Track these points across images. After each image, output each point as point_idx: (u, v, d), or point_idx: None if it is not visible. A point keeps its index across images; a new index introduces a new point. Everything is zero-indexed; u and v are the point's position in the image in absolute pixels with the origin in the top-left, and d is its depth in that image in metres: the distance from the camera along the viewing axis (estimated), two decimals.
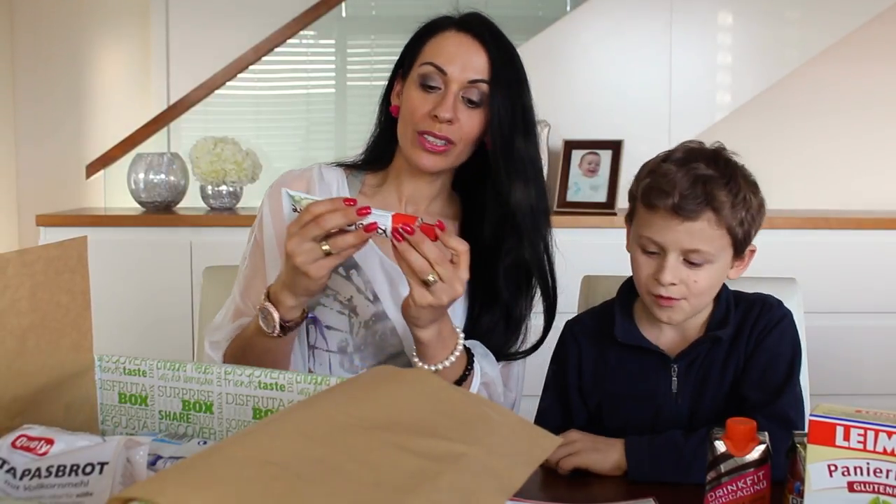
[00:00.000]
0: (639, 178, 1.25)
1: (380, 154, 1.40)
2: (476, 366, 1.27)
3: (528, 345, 1.40)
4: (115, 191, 3.08)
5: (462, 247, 1.13)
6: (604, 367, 1.29)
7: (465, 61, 1.28)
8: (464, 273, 1.13)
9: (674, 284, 1.19)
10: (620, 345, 1.27)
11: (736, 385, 1.23)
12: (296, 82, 3.68)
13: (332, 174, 1.39)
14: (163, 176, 2.78)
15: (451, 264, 1.12)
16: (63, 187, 3.57)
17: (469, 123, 1.29)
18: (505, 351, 1.37)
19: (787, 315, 1.27)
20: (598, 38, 2.90)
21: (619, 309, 1.30)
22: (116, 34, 3.72)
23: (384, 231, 1.10)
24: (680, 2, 2.84)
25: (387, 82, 1.39)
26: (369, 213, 1.10)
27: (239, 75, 3.14)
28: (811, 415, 0.84)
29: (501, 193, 1.32)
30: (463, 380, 1.25)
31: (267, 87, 3.60)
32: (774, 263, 2.58)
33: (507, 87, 1.30)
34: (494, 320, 1.35)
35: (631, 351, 1.27)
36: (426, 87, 1.29)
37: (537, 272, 1.36)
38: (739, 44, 2.86)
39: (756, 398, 1.19)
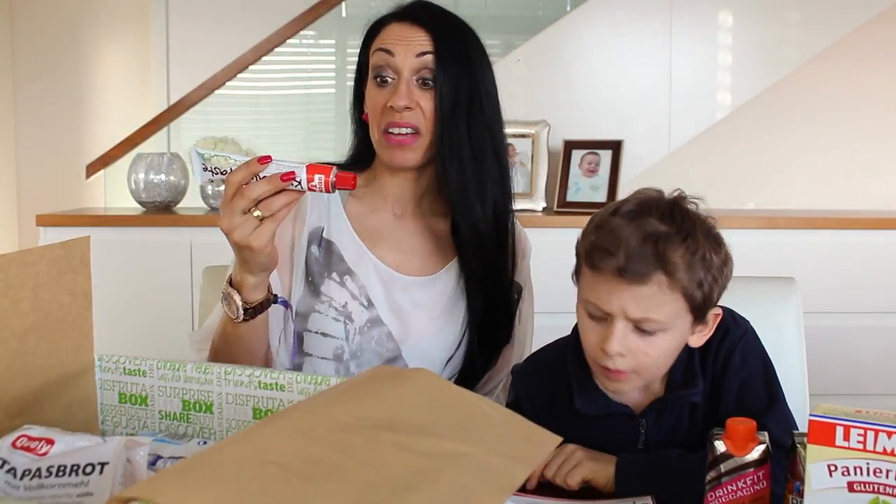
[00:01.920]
0: (585, 232, 1.11)
1: (363, 156, 1.39)
2: None
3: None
4: (115, 191, 3.08)
5: None
6: (564, 430, 1.17)
7: (408, 42, 1.28)
8: None
9: (622, 356, 1.05)
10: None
11: (711, 414, 1.14)
12: (296, 82, 3.68)
13: None
14: (163, 176, 2.78)
15: None
16: (63, 187, 3.57)
17: (430, 105, 1.28)
18: (500, 342, 1.38)
19: (746, 330, 1.16)
20: (598, 38, 2.90)
21: (575, 373, 1.15)
22: (116, 34, 3.72)
23: (300, 183, 1.08)
24: (680, 2, 2.84)
25: (353, 90, 1.39)
26: (293, 178, 1.08)
27: (239, 75, 3.14)
28: (811, 415, 0.84)
29: (439, 177, 1.30)
30: None
31: (267, 87, 3.60)
32: (774, 263, 2.59)
33: (451, 64, 1.28)
34: (484, 308, 1.35)
35: (600, 417, 1.15)
36: (381, 80, 1.29)
37: (480, 270, 1.34)
38: (739, 44, 2.86)
39: None
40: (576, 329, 1.17)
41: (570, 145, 2.80)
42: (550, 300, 1.48)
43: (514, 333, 1.41)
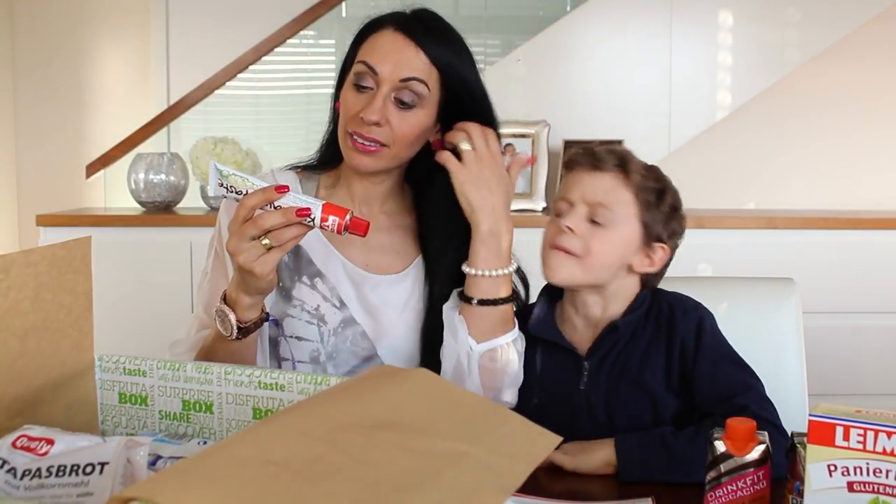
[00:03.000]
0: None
1: (331, 154, 1.37)
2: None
3: None
4: (115, 191, 3.08)
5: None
6: (527, 351, 1.29)
7: (397, 60, 1.24)
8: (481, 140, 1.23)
9: (573, 234, 1.22)
10: (535, 340, 1.28)
11: (661, 386, 1.23)
12: (296, 82, 3.68)
13: (286, 178, 1.36)
14: (163, 176, 2.79)
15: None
16: (63, 187, 3.57)
17: (402, 126, 1.25)
18: None
19: (704, 315, 1.25)
20: (598, 38, 2.90)
21: (543, 302, 1.32)
22: (116, 34, 3.72)
23: (313, 220, 1.08)
24: (680, 2, 2.84)
25: (336, 79, 1.36)
26: (308, 215, 1.08)
27: (239, 75, 3.14)
28: (811, 415, 0.85)
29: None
30: (502, 302, 1.25)
31: (267, 87, 3.60)
32: (773, 263, 2.59)
33: (453, 83, 1.27)
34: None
35: (547, 347, 1.29)
36: (359, 87, 1.26)
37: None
38: (739, 44, 2.86)
39: (721, 413, 1.14)
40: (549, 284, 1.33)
41: (570, 145, 2.79)
42: None
43: None
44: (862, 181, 3.11)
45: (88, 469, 0.79)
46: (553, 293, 1.32)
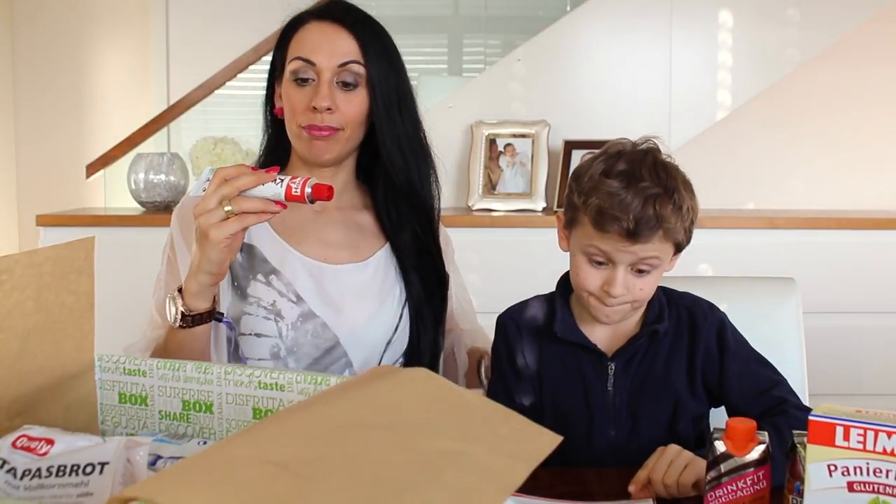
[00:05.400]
0: (580, 190, 1.21)
1: (275, 159, 1.40)
2: None
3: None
4: (115, 191, 3.08)
5: None
6: (542, 360, 1.29)
7: (330, 48, 1.30)
8: None
9: (622, 294, 1.19)
10: (558, 340, 1.27)
11: (685, 387, 1.24)
12: None
13: None
14: (163, 176, 2.78)
15: None
16: (63, 187, 3.57)
17: (349, 107, 1.30)
18: (440, 313, 1.42)
19: (722, 318, 1.27)
20: (597, 38, 2.90)
21: (561, 303, 1.30)
22: (116, 34, 3.72)
23: (282, 181, 1.13)
24: (680, 2, 2.84)
25: (265, 87, 1.41)
26: (276, 172, 1.14)
27: (239, 75, 3.14)
28: (811, 415, 0.85)
29: (388, 167, 1.36)
30: None
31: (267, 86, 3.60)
32: (774, 263, 2.59)
33: (379, 63, 1.32)
34: (422, 286, 1.39)
35: (568, 348, 1.27)
36: (299, 81, 1.31)
37: (426, 251, 1.40)
38: (739, 44, 2.86)
39: (759, 408, 1.18)
40: (561, 281, 1.32)
41: (570, 145, 2.80)
42: None
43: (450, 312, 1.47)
44: (862, 181, 3.11)
45: (88, 469, 0.79)
46: (566, 291, 1.30)
